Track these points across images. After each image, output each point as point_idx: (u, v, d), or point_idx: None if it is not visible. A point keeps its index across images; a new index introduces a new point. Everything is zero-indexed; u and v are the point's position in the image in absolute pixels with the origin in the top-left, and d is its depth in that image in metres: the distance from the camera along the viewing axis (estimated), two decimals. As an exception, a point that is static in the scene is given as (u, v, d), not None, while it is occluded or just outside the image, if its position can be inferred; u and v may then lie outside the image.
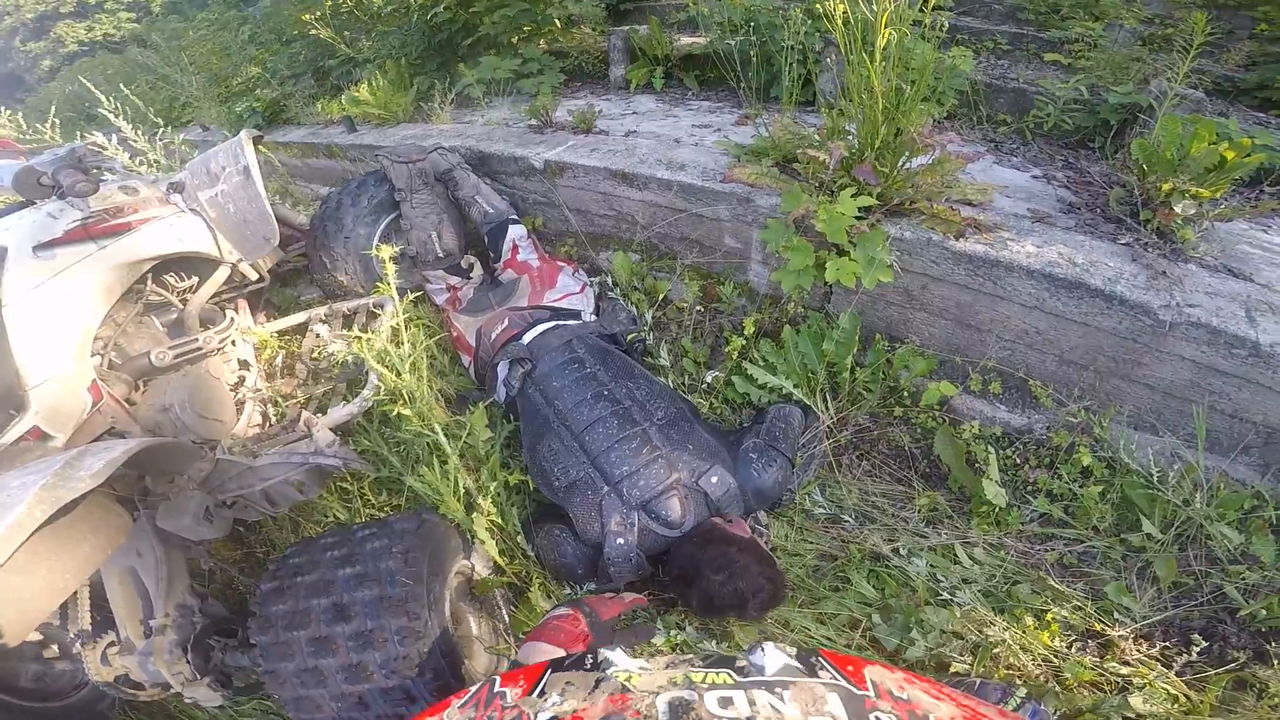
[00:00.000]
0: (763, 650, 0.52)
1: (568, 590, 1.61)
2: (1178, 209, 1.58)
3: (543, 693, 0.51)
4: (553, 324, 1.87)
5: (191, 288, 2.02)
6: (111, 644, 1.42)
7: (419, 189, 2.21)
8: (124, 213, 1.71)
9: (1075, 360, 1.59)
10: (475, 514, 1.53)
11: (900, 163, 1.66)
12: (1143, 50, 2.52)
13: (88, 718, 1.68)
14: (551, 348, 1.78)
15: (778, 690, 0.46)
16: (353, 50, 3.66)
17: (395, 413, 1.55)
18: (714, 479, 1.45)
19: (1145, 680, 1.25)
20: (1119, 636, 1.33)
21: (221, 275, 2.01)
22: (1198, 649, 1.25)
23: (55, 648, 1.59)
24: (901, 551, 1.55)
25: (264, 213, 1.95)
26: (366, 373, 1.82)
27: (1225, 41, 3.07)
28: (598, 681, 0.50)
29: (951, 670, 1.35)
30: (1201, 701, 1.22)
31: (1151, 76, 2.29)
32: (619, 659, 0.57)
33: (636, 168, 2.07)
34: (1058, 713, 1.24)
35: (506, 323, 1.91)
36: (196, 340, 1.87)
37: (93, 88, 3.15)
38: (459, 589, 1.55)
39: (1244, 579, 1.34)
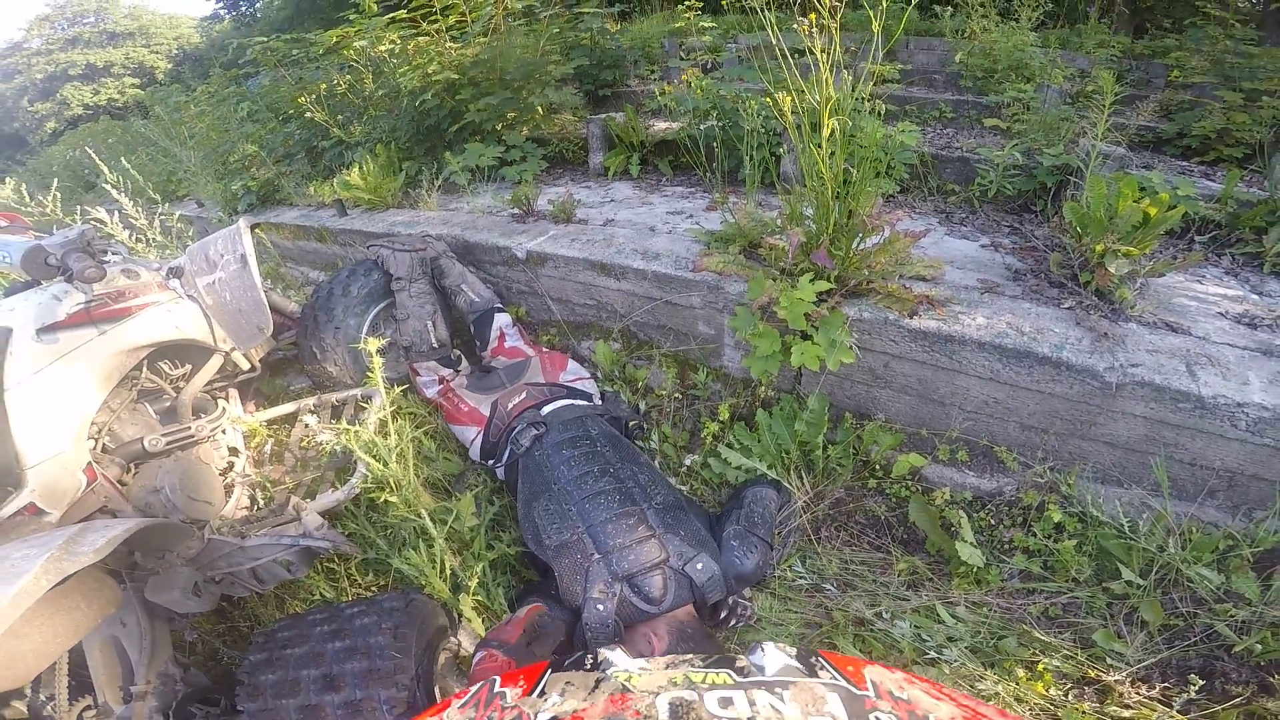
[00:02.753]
0: (763, 650, 0.53)
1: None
2: (1112, 269, 1.65)
3: (543, 693, 0.51)
4: (569, 401, 1.95)
5: (184, 375, 2.06)
6: (88, 708, 1.42)
7: (418, 278, 2.27)
8: (125, 297, 1.75)
9: (1035, 425, 1.65)
10: (462, 594, 1.56)
11: (854, 244, 1.76)
12: (1069, 110, 2.65)
13: None
14: (565, 419, 1.86)
15: (778, 690, 0.46)
16: (345, 133, 3.82)
17: (382, 500, 1.59)
18: (699, 565, 1.50)
19: None
20: (1115, 681, 1.34)
21: (215, 365, 2.05)
22: (1195, 687, 1.25)
23: (23, 707, 1.55)
24: (885, 615, 1.57)
25: (259, 302, 2.00)
26: (355, 461, 1.86)
27: (1144, 92, 3.29)
28: (598, 681, 0.50)
29: None
30: None
31: (1080, 135, 2.41)
32: (619, 659, 0.56)
33: (614, 258, 2.17)
34: None
35: (525, 395, 1.98)
36: (188, 428, 1.90)
37: (97, 159, 3.24)
38: (446, 665, 1.57)
39: (1233, 616, 1.36)
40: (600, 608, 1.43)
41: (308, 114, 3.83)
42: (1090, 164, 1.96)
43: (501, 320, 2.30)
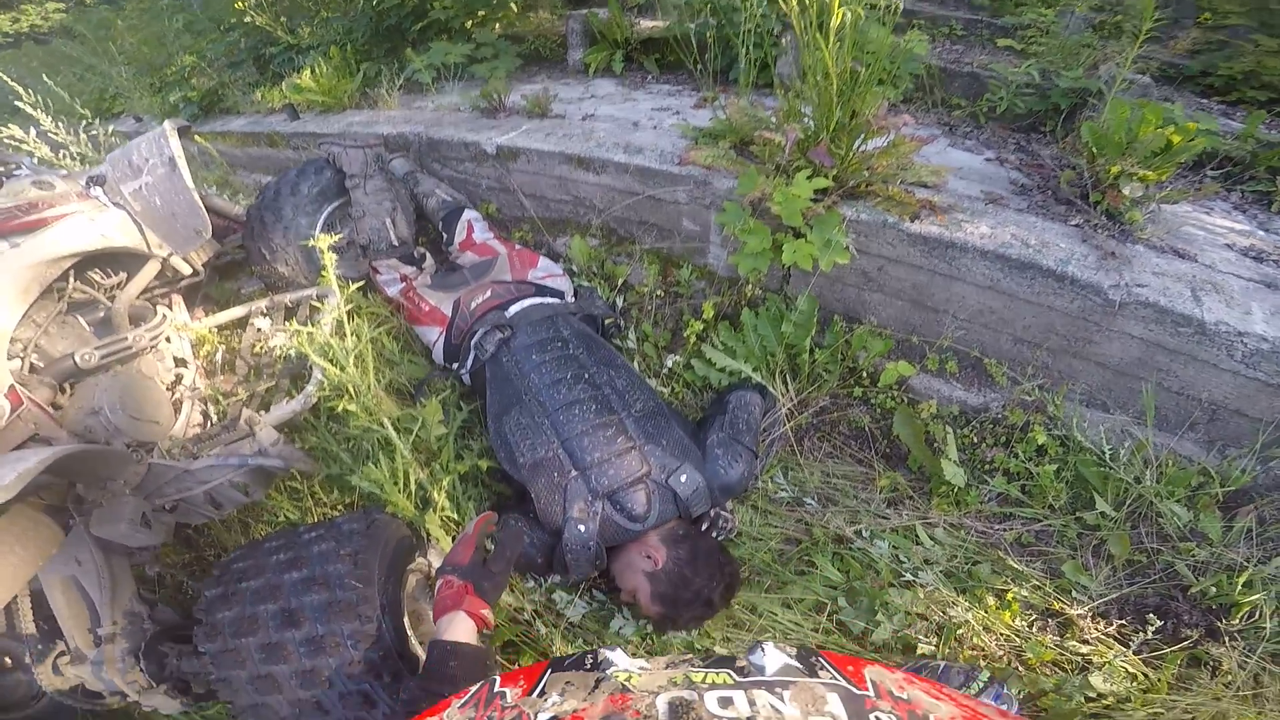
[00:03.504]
0: (763, 650, 0.53)
1: (530, 583, 1.56)
2: (1126, 191, 1.62)
3: (542, 693, 0.51)
4: (538, 300, 1.81)
5: (120, 284, 1.89)
6: (61, 653, 1.37)
7: (373, 174, 2.12)
8: (38, 208, 1.60)
9: (1029, 339, 1.62)
10: (429, 510, 1.47)
11: (855, 145, 1.65)
12: (1092, 37, 2.57)
13: None
14: (533, 320, 1.72)
15: (778, 690, 0.46)
16: (293, 38, 3.49)
17: (341, 408, 1.47)
18: (683, 478, 1.43)
19: (1104, 659, 1.29)
20: (1078, 615, 1.37)
21: (151, 271, 1.88)
22: (1153, 628, 1.28)
23: (7, 659, 1.52)
24: (864, 533, 1.56)
25: (193, 204, 1.83)
26: (310, 367, 1.74)
27: (1171, 29, 3.18)
28: (598, 681, 0.51)
29: (918, 652, 1.36)
30: (1159, 680, 1.25)
31: (1101, 62, 2.35)
32: (619, 659, 0.57)
33: (593, 151, 2.03)
34: (1021, 693, 1.27)
35: (490, 293, 1.84)
36: (125, 339, 1.75)
37: (8, 79, 2.94)
38: (418, 587, 1.50)
39: (1194, 556, 1.38)
40: (581, 529, 1.36)
41: (248, 19, 3.45)
42: (1114, 88, 1.89)
43: (470, 214, 2.16)
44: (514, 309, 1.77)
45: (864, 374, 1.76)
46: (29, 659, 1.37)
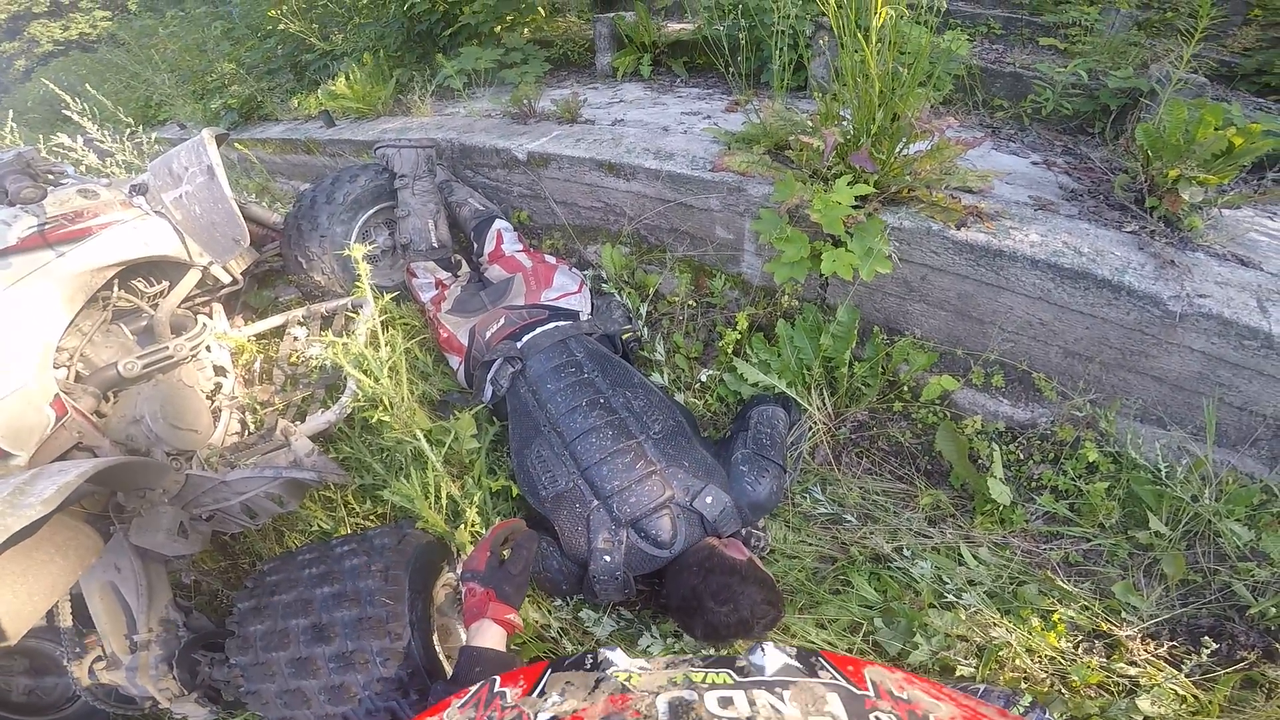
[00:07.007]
0: (763, 650, 0.52)
1: (558, 602, 1.55)
2: (1185, 196, 1.53)
3: (543, 693, 0.51)
4: (551, 325, 1.79)
5: (162, 293, 1.93)
6: (98, 659, 1.40)
7: (422, 175, 2.15)
8: (83, 217, 1.63)
9: (1080, 352, 1.54)
10: (460, 525, 1.47)
11: (897, 149, 1.59)
12: (1139, 35, 2.47)
13: None
14: (543, 347, 1.70)
15: (778, 690, 0.45)
16: (328, 44, 3.56)
17: (375, 419, 1.48)
18: (708, 499, 1.38)
19: (1154, 682, 1.23)
20: (1126, 636, 1.31)
21: (192, 279, 1.93)
22: (1208, 650, 1.22)
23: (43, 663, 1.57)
24: (905, 552, 1.50)
25: (231, 213, 1.85)
26: (345, 377, 1.75)
27: (1221, 27, 3.04)
28: (598, 681, 0.50)
29: (956, 674, 1.31)
30: (1210, 702, 1.20)
31: (1151, 61, 2.24)
32: (619, 659, 0.56)
33: (623, 158, 2.00)
34: (1065, 716, 1.22)
35: (503, 321, 1.83)
36: (167, 348, 1.78)
37: (59, 90, 3.04)
38: (447, 600, 1.50)
39: (1253, 576, 1.31)
40: (607, 559, 1.34)
41: (282, 27, 3.52)
42: (1168, 88, 1.79)
43: (500, 224, 2.16)
44: (525, 338, 1.76)
45: (905, 388, 1.70)
46: (65, 660, 1.40)
